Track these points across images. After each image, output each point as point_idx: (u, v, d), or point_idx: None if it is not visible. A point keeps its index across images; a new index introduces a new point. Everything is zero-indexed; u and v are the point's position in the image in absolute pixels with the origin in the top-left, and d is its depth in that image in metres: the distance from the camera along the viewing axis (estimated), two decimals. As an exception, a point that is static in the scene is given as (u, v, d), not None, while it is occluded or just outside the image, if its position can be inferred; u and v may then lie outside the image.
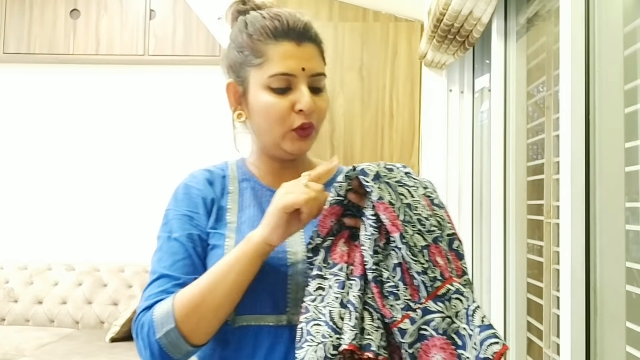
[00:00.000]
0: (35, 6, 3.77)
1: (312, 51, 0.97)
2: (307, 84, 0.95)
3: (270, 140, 0.98)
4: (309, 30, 0.97)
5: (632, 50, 1.21)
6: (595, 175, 1.24)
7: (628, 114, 1.21)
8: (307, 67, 0.94)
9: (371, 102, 3.10)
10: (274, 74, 0.94)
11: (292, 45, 0.94)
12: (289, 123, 0.95)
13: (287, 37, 0.95)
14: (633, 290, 1.18)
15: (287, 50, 0.94)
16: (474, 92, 2.44)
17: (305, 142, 0.97)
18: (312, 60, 0.96)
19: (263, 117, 0.96)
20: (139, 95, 3.93)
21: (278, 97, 0.94)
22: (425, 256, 0.78)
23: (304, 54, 0.95)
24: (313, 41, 0.97)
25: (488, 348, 0.72)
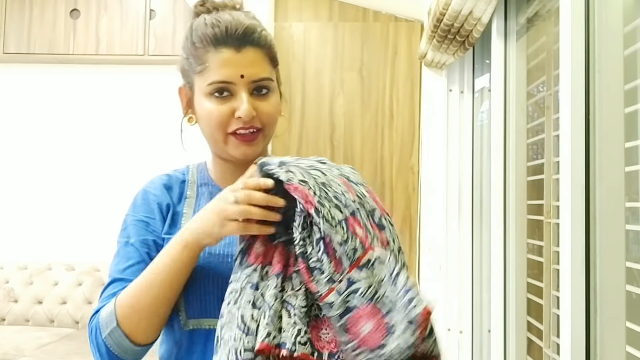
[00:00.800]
0: (35, 6, 3.77)
1: (254, 56, 0.95)
2: (247, 90, 0.94)
3: (214, 145, 0.99)
4: (250, 34, 0.94)
5: (632, 50, 1.21)
6: (595, 175, 1.24)
7: (628, 114, 1.21)
8: (247, 74, 0.93)
9: (371, 102, 3.10)
10: (211, 82, 0.94)
11: (230, 52, 0.93)
12: (227, 128, 0.95)
13: (226, 44, 0.94)
14: (633, 290, 1.18)
15: (225, 58, 0.93)
16: (474, 92, 2.44)
17: (250, 147, 0.96)
18: (253, 65, 0.94)
19: (205, 122, 0.97)
20: (139, 95, 3.93)
21: (218, 103, 0.94)
22: (344, 228, 0.78)
23: (243, 60, 0.94)
24: (256, 45, 0.95)
25: (411, 310, 0.74)
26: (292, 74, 3.22)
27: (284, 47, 3.20)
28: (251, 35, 0.94)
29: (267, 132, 0.98)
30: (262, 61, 0.96)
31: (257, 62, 0.95)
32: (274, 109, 0.97)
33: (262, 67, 0.96)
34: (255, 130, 0.95)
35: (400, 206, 3.13)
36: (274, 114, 0.97)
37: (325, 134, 3.18)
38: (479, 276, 2.32)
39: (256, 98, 0.95)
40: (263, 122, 0.96)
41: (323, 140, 3.18)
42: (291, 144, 3.22)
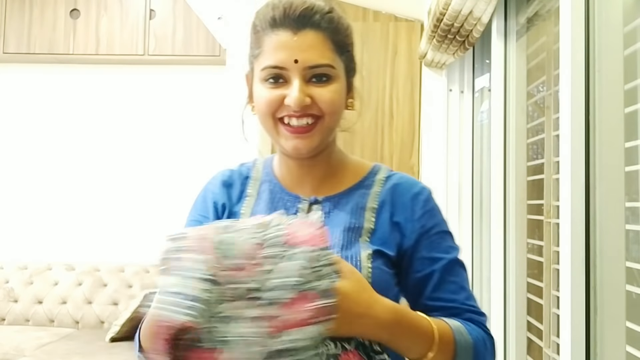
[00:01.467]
0: (35, 6, 3.77)
1: (312, 39, 0.86)
2: (301, 77, 0.86)
3: (270, 136, 0.92)
4: (310, 15, 0.86)
5: (632, 50, 1.21)
6: (595, 175, 1.24)
7: (628, 114, 1.21)
8: (302, 59, 0.85)
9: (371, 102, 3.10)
10: (264, 67, 0.87)
11: (287, 34, 0.86)
12: (277, 114, 0.87)
13: (283, 26, 0.86)
14: (633, 290, 1.18)
15: (280, 41, 0.86)
16: (474, 92, 2.44)
17: (303, 140, 0.87)
18: (310, 50, 0.86)
19: (257, 110, 0.91)
20: (139, 95, 3.92)
21: (271, 89, 0.87)
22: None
23: (300, 44, 0.86)
24: (316, 27, 0.86)
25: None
26: (292, 74, 3.22)
27: (284, 47, 3.21)
28: (311, 17, 0.86)
29: (328, 123, 0.88)
30: (321, 46, 0.87)
31: (315, 47, 0.86)
32: (335, 96, 0.88)
33: (320, 52, 0.86)
34: (312, 121, 0.87)
35: (400, 206, 3.13)
36: (334, 101, 0.87)
37: (325, 134, 3.18)
38: (479, 276, 2.32)
39: (315, 85, 0.87)
40: (322, 110, 0.87)
41: (323, 140, 3.18)
42: (291, 143, 3.22)
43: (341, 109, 0.91)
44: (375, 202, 0.92)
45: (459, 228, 2.42)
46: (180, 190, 3.75)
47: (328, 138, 0.91)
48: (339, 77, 0.89)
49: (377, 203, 0.92)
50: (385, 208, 0.91)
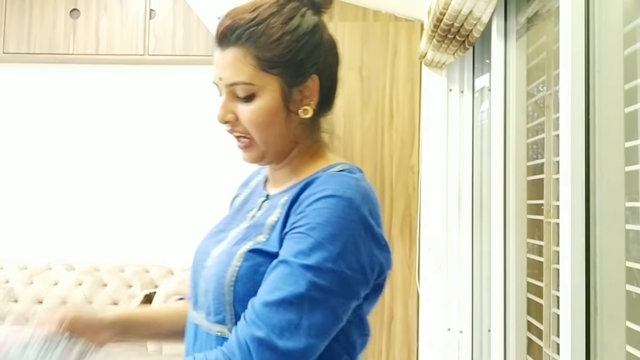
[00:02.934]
0: (35, 6, 3.77)
1: (231, 57, 0.87)
2: (227, 93, 0.88)
3: None
4: (231, 33, 0.86)
5: (632, 50, 1.21)
6: (595, 175, 1.24)
7: (628, 114, 1.21)
8: (223, 76, 0.88)
9: (371, 102, 3.10)
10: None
11: (217, 52, 0.89)
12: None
13: (216, 44, 0.89)
14: (633, 290, 1.18)
15: (214, 58, 0.90)
16: (474, 91, 2.44)
17: (246, 153, 0.92)
18: (229, 68, 0.87)
19: None
20: (139, 95, 3.92)
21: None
22: None
23: (223, 62, 0.88)
24: (238, 44, 0.86)
25: None
26: (292, 74, 3.22)
27: (284, 47, 3.21)
28: (232, 34, 0.87)
29: (257, 139, 0.90)
30: (240, 62, 0.86)
31: (232, 64, 0.87)
32: (255, 115, 0.87)
33: (238, 69, 0.87)
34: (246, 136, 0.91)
35: (400, 206, 3.13)
36: (255, 120, 0.88)
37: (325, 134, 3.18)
38: (479, 276, 2.32)
39: (241, 102, 0.89)
40: (245, 130, 0.89)
41: (323, 140, 3.18)
42: (291, 143, 3.22)
43: (269, 125, 0.89)
44: (286, 198, 0.90)
45: (459, 228, 2.42)
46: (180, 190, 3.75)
47: (276, 150, 0.92)
48: (264, 92, 0.87)
49: (287, 199, 0.89)
50: (288, 203, 0.88)
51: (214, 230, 1.00)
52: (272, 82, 0.88)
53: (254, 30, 0.86)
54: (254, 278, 0.84)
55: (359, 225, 0.82)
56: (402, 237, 3.11)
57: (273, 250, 0.85)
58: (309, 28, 0.89)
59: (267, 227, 0.88)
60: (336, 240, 0.80)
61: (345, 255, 0.80)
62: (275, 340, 0.77)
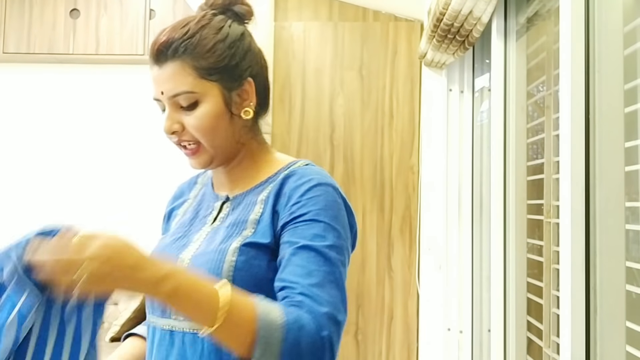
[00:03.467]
0: (35, 6, 3.77)
1: (173, 70, 0.92)
2: (171, 105, 0.93)
3: None
4: (167, 48, 0.92)
5: (632, 50, 1.21)
6: (595, 175, 1.24)
7: (628, 114, 1.21)
8: (165, 89, 0.93)
9: (371, 102, 3.10)
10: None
11: (154, 68, 0.94)
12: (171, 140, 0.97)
13: (152, 61, 0.94)
14: (633, 290, 1.18)
15: (152, 75, 0.95)
16: (474, 91, 2.44)
17: (195, 159, 0.96)
18: (169, 80, 0.92)
19: None
20: (139, 95, 3.93)
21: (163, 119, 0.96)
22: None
23: (163, 76, 0.93)
24: (175, 57, 0.92)
25: None
26: (291, 74, 3.21)
27: (283, 47, 3.20)
28: (168, 49, 0.92)
29: (206, 144, 0.95)
30: (179, 74, 0.92)
31: (173, 76, 0.92)
32: (201, 121, 0.93)
33: (179, 80, 0.92)
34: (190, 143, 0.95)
35: (400, 206, 3.13)
36: (201, 126, 0.93)
37: (325, 134, 3.18)
38: (479, 276, 2.32)
39: (185, 112, 0.93)
40: (193, 136, 0.94)
41: (323, 140, 3.18)
42: (291, 143, 3.22)
43: (216, 129, 0.94)
44: (265, 195, 0.96)
45: (459, 228, 2.42)
46: (180, 190, 3.74)
47: (224, 152, 0.97)
48: (207, 98, 0.93)
49: (267, 195, 0.95)
50: (270, 198, 0.94)
51: (169, 240, 1.01)
52: (213, 88, 0.94)
53: (188, 42, 0.92)
54: (250, 270, 0.89)
55: (341, 204, 0.94)
56: (402, 237, 3.11)
57: (264, 242, 0.91)
58: (238, 36, 0.97)
59: (250, 222, 0.94)
60: (337, 220, 0.91)
61: (344, 232, 0.92)
62: (336, 315, 0.83)
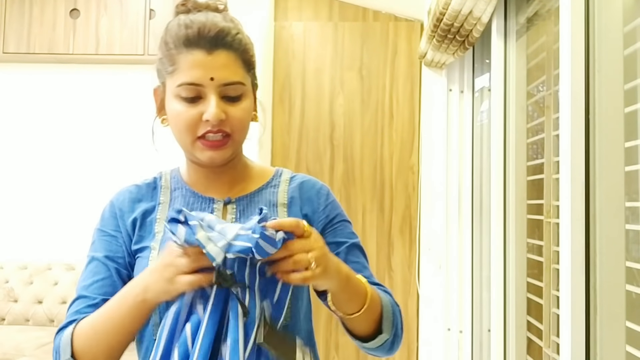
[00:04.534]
0: (35, 6, 3.77)
1: (225, 59, 0.92)
2: (217, 93, 0.91)
3: (183, 148, 0.98)
4: (223, 37, 0.92)
5: (632, 50, 1.21)
6: (595, 175, 1.24)
7: (628, 114, 1.21)
8: (217, 77, 0.91)
9: (371, 102, 3.10)
10: (181, 84, 0.92)
11: (202, 53, 0.92)
12: (196, 131, 0.93)
13: (197, 46, 0.92)
14: (633, 290, 1.18)
15: (196, 60, 0.91)
16: (473, 91, 2.44)
17: (218, 152, 0.94)
18: (224, 68, 0.92)
19: (173, 125, 0.96)
20: (139, 95, 3.93)
21: (187, 106, 0.92)
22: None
23: (214, 63, 0.91)
24: (228, 48, 0.93)
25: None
26: (291, 74, 3.21)
27: (283, 47, 3.20)
28: (224, 38, 0.93)
29: (237, 138, 0.95)
30: (234, 64, 0.93)
31: (228, 65, 0.93)
32: (245, 114, 0.95)
33: (233, 70, 0.93)
34: (225, 135, 0.93)
35: (400, 206, 3.13)
36: (244, 119, 0.95)
37: (325, 134, 3.18)
38: (479, 276, 2.32)
39: (227, 102, 0.93)
40: (232, 128, 0.93)
41: (323, 140, 3.18)
42: (291, 143, 3.22)
43: (248, 124, 0.98)
44: (285, 199, 1.02)
45: (459, 228, 2.42)
46: (180, 190, 3.74)
47: (239, 148, 1.00)
48: (249, 93, 0.96)
49: (287, 199, 1.02)
50: (294, 202, 1.02)
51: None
52: (250, 85, 0.97)
53: (239, 36, 0.95)
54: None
55: None
56: (402, 237, 3.11)
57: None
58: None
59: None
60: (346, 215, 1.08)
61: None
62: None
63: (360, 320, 0.93)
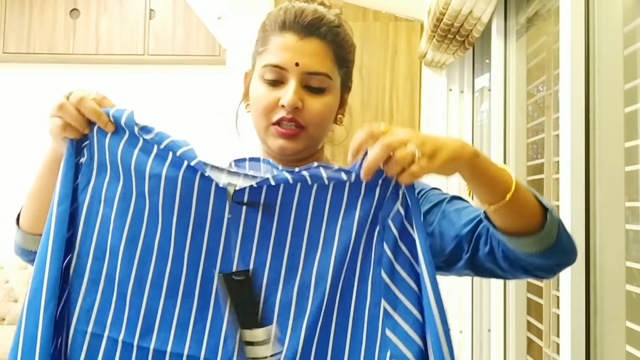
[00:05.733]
0: (35, 6, 3.77)
1: (316, 48, 0.89)
2: (299, 80, 0.88)
3: (259, 134, 0.94)
4: (318, 25, 0.89)
5: (632, 50, 1.21)
6: (595, 175, 1.24)
7: (628, 114, 1.21)
8: (302, 63, 0.88)
9: (371, 102, 3.10)
10: (266, 64, 0.90)
11: (293, 38, 0.89)
12: (271, 117, 0.90)
13: (291, 30, 0.89)
14: (633, 290, 1.18)
15: (286, 43, 0.89)
16: (473, 91, 2.44)
17: (289, 143, 0.90)
18: (312, 57, 0.89)
19: (253, 106, 0.93)
20: (139, 95, 3.93)
21: (268, 88, 0.90)
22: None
23: (303, 49, 0.89)
24: (322, 37, 0.90)
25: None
26: (292, 74, 3.22)
27: (283, 47, 3.21)
28: (319, 26, 0.90)
29: (311, 132, 0.91)
30: (324, 55, 0.90)
31: (317, 55, 0.89)
32: (324, 109, 0.91)
33: (321, 60, 0.90)
34: (298, 125, 0.89)
35: (400, 206, 3.13)
36: (322, 114, 0.91)
37: (325, 134, 3.18)
38: (479, 276, 2.32)
39: (309, 93, 0.89)
40: (306, 120, 0.89)
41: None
42: (291, 143, 3.23)
43: (328, 122, 0.94)
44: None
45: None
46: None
47: (315, 145, 0.95)
48: (334, 89, 0.92)
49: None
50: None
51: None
52: (338, 82, 0.93)
53: (337, 30, 0.92)
54: None
55: None
56: (402, 237, 3.12)
57: None
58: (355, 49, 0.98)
59: None
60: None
61: None
62: None
63: (513, 208, 0.78)
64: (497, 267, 0.84)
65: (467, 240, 0.86)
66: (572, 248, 0.82)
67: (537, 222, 0.78)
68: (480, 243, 0.84)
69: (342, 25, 0.94)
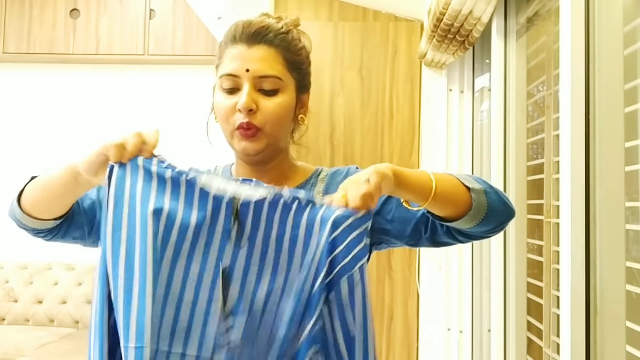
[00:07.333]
0: (35, 6, 3.77)
1: (264, 53, 0.97)
2: (252, 84, 0.96)
3: (226, 139, 1.01)
4: (264, 33, 0.98)
5: (632, 50, 1.21)
6: (595, 175, 1.24)
7: (628, 114, 1.21)
8: (252, 68, 0.96)
9: (371, 102, 3.10)
10: (222, 75, 0.98)
11: (242, 47, 0.97)
12: (232, 122, 0.97)
13: (240, 41, 0.98)
14: (633, 290, 1.18)
15: (236, 53, 0.97)
16: (474, 91, 2.44)
17: (251, 143, 0.97)
18: (261, 61, 0.97)
19: (217, 115, 1.01)
20: (139, 95, 3.93)
21: (226, 96, 0.98)
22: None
23: (252, 56, 0.97)
24: (269, 43, 0.98)
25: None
26: (292, 74, 3.22)
27: (283, 47, 3.21)
28: (265, 34, 0.98)
29: (269, 131, 0.97)
30: (272, 59, 0.98)
31: (265, 59, 0.97)
32: (278, 109, 0.97)
33: (270, 64, 0.97)
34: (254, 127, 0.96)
35: (400, 206, 3.12)
36: (275, 112, 0.97)
37: (325, 134, 3.18)
38: (479, 276, 2.32)
39: (263, 96, 0.97)
40: (262, 120, 0.96)
41: (323, 140, 3.18)
42: (291, 143, 3.22)
43: (284, 120, 1.00)
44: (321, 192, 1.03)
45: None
46: (180, 190, 3.74)
47: (276, 143, 1.01)
48: (287, 90, 0.99)
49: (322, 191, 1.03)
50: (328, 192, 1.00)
51: None
52: (291, 84, 1.00)
53: (284, 36, 1.00)
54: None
55: None
56: (402, 237, 3.11)
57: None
58: (309, 53, 1.06)
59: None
60: None
61: None
62: None
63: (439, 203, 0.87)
64: (455, 240, 0.95)
65: (423, 222, 0.95)
66: (505, 206, 0.91)
67: (467, 202, 0.88)
68: (437, 224, 0.94)
69: (291, 31, 1.02)
